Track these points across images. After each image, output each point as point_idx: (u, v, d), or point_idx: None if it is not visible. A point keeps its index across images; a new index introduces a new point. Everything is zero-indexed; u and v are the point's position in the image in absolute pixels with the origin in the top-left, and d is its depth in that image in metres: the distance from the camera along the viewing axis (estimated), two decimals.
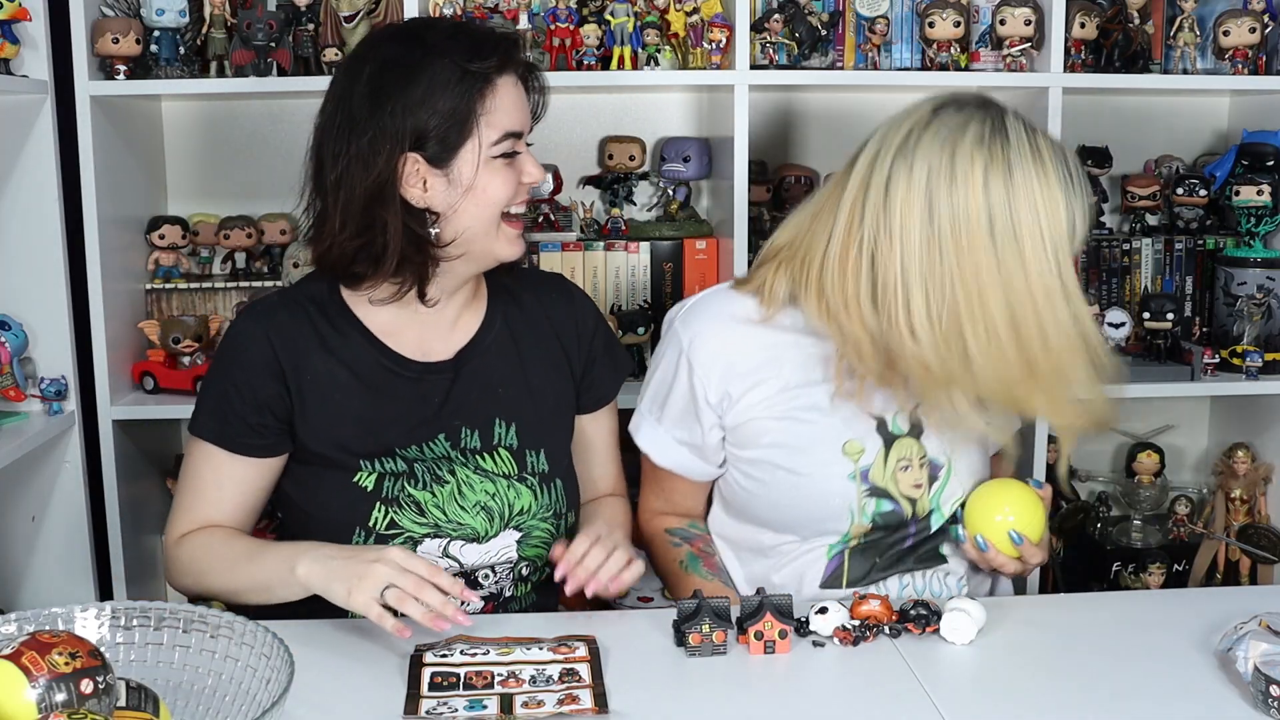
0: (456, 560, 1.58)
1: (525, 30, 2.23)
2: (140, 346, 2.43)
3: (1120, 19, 2.50)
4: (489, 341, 1.65)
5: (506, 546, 1.61)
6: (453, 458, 1.59)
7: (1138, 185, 2.66)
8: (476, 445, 1.61)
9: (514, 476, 1.61)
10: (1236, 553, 2.59)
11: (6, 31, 2.09)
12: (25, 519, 2.29)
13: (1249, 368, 2.46)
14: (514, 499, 1.60)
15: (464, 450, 1.60)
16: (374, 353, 1.59)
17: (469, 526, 1.58)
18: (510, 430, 1.62)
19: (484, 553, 1.59)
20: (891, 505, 1.62)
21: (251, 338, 1.57)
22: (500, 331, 1.66)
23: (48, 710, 1.02)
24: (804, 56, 2.43)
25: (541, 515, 1.62)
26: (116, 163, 2.34)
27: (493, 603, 1.62)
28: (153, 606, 1.23)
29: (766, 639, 1.40)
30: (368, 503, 1.55)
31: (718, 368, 1.63)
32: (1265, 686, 1.24)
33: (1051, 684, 1.35)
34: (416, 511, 1.56)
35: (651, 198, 2.65)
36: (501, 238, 1.56)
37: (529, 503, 1.61)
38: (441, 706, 1.27)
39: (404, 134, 1.48)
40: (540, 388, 1.66)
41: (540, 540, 1.63)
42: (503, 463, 1.61)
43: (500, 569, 1.62)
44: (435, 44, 1.50)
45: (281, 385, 1.55)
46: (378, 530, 1.55)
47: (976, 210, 1.45)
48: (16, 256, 2.22)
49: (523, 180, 1.56)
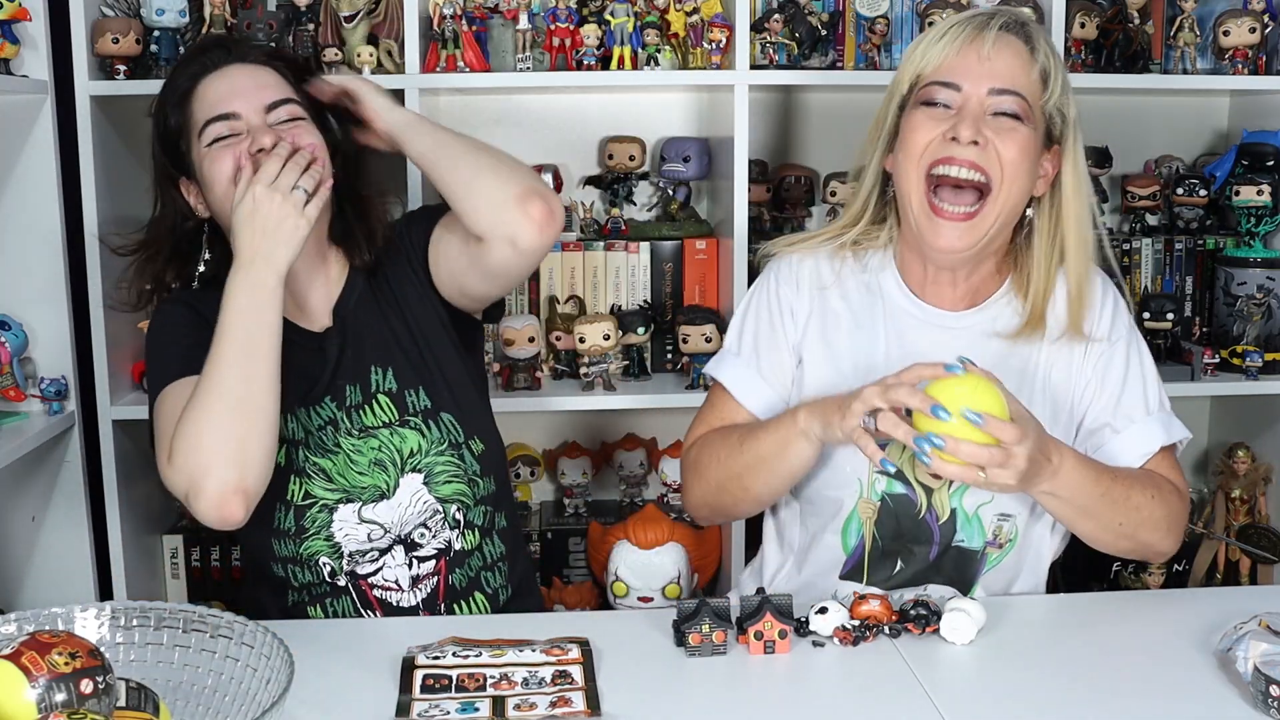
0: (375, 523, 1.59)
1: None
2: (140, 346, 2.42)
3: (1120, 19, 2.50)
4: (355, 297, 1.67)
5: (416, 493, 1.61)
6: (338, 420, 1.61)
7: (1138, 185, 2.66)
8: (358, 400, 1.63)
9: (395, 423, 1.62)
10: (1236, 553, 2.59)
11: (6, 31, 2.09)
12: (25, 519, 2.29)
13: (1249, 368, 2.46)
14: (399, 444, 1.61)
15: (348, 409, 1.62)
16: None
17: (371, 486, 1.60)
18: (387, 375, 1.64)
19: (396, 506, 1.60)
20: (904, 488, 1.58)
21: (174, 303, 1.66)
22: (362, 285, 1.68)
23: (48, 710, 1.02)
24: (804, 56, 2.43)
25: (436, 451, 1.62)
26: (116, 163, 2.33)
27: (444, 558, 1.62)
28: (153, 606, 1.23)
29: (766, 639, 1.40)
30: (282, 476, 1.56)
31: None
32: (1265, 686, 1.24)
33: (1051, 684, 1.35)
34: (324, 479, 1.59)
35: (651, 198, 2.65)
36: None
37: (417, 442, 1.62)
38: (433, 709, 1.27)
39: (166, 148, 1.64)
40: (411, 324, 1.67)
41: (448, 475, 1.62)
42: (382, 411, 1.62)
43: (434, 524, 1.62)
44: (167, 88, 1.65)
45: (208, 327, 1.52)
46: (295, 502, 1.58)
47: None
48: (16, 256, 2.22)
49: (250, 150, 1.55)
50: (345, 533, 1.58)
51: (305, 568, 1.58)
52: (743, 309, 1.72)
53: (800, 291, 1.66)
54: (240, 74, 1.61)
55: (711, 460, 1.64)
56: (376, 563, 1.60)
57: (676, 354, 2.50)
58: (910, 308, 1.63)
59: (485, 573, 1.66)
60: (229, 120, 1.57)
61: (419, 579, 1.60)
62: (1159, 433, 1.61)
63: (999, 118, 1.53)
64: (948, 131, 1.52)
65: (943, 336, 1.61)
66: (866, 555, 1.61)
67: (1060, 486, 1.47)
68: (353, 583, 1.59)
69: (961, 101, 1.53)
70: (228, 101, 1.58)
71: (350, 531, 1.58)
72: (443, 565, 1.62)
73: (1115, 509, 1.53)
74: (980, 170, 1.51)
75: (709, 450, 1.65)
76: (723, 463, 1.62)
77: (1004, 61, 1.54)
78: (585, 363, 2.41)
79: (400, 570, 1.60)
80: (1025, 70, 1.54)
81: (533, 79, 2.37)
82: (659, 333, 2.52)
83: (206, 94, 1.59)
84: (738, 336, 1.70)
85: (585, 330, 2.40)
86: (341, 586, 1.59)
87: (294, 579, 1.59)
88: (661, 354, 2.55)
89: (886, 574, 1.61)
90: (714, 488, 1.65)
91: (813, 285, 1.66)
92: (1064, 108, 1.58)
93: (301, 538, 1.58)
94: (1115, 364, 1.61)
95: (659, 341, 2.54)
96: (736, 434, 1.62)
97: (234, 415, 1.44)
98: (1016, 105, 1.53)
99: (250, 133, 1.56)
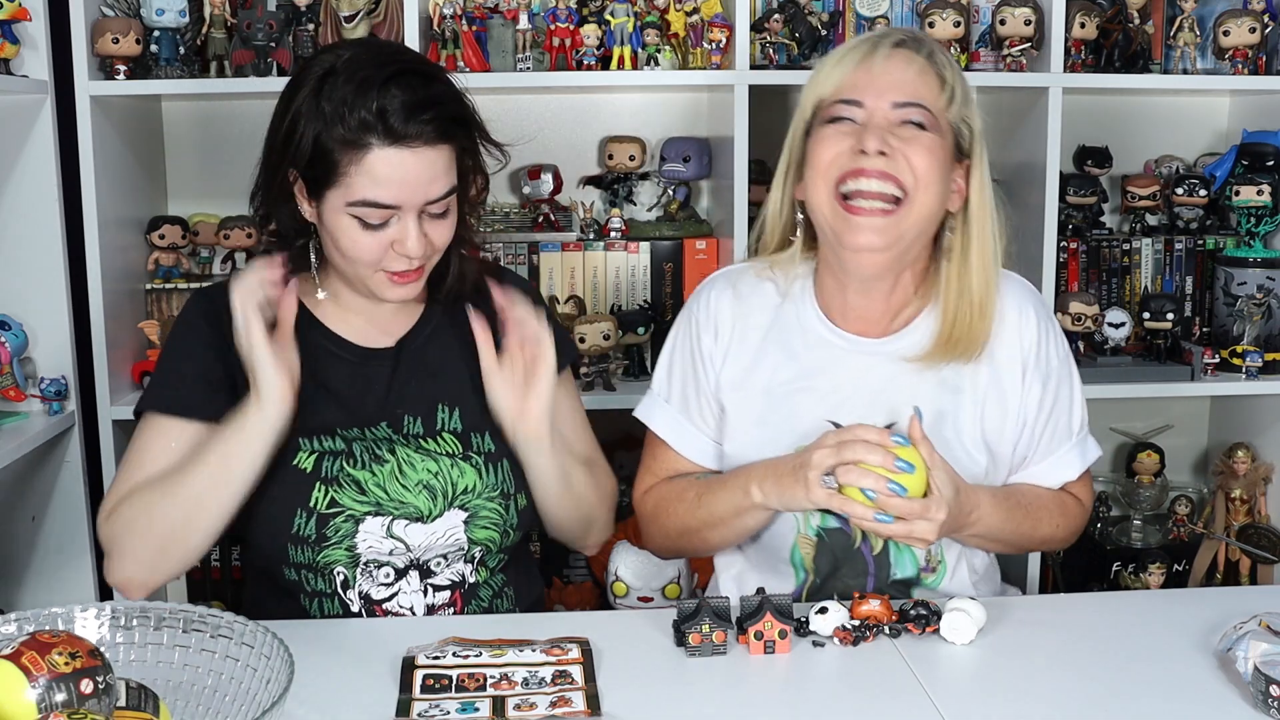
0: (401, 541, 1.56)
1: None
2: (140, 346, 2.43)
3: (1120, 19, 2.50)
4: (429, 330, 1.65)
5: (453, 528, 1.58)
6: (394, 439, 1.59)
7: (1138, 185, 2.66)
8: (419, 430, 1.61)
9: (458, 455, 1.60)
10: (1236, 553, 2.59)
11: (6, 31, 2.09)
12: (25, 519, 2.29)
13: (1249, 368, 2.46)
14: (457, 477, 1.59)
15: (406, 435, 1.60)
16: (316, 334, 1.60)
17: (411, 505, 1.56)
18: (454, 415, 1.62)
19: (429, 533, 1.57)
20: (838, 522, 1.59)
21: (200, 312, 1.60)
22: (441, 320, 1.66)
23: (48, 710, 1.02)
24: (804, 56, 2.43)
25: (488, 495, 1.60)
26: (116, 163, 2.34)
27: (459, 590, 1.61)
28: (153, 606, 1.23)
29: (766, 639, 1.40)
30: (307, 483, 1.54)
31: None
32: (1265, 686, 1.24)
33: (1051, 684, 1.35)
34: (357, 490, 1.55)
35: (652, 198, 2.65)
36: (377, 281, 1.54)
37: (474, 481, 1.59)
38: (434, 709, 1.27)
39: (295, 150, 1.49)
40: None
41: (489, 522, 1.60)
42: (446, 443, 1.60)
43: (452, 556, 1.60)
44: (339, 94, 1.46)
45: (227, 357, 1.53)
46: (318, 510, 1.54)
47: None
48: (16, 256, 2.22)
49: (394, 249, 1.50)
50: (368, 544, 1.55)
51: (320, 575, 1.57)
52: (669, 350, 1.73)
53: (719, 339, 1.66)
54: (417, 163, 1.47)
55: (668, 515, 1.67)
56: (391, 588, 1.58)
57: None
58: (831, 337, 1.63)
59: (496, 600, 1.66)
60: (384, 210, 1.48)
61: (434, 608, 1.59)
62: (1076, 461, 1.68)
63: (905, 126, 1.52)
64: (855, 145, 1.51)
65: (864, 362, 1.61)
66: (805, 591, 1.63)
67: (978, 530, 1.56)
68: (366, 608, 1.57)
69: (866, 116, 1.52)
70: (392, 192, 1.47)
71: (374, 544, 1.55)
72: (458, 596, 1.61)
73: (1023, 536, 1.63)
74: (892, 179, 1.50)
75: (664, 505, 1.68)
76: (680, 518, 1.65)
77: (903, 74, 1.53)
78: (585, 363, 2.41)
79: (415, 597, 1.59)
80: (925, 81, 1.53)
81: (533, 79, 2.37)
82: (659, 333, 2.52)
83: (376, 169, 1.46)
84: (666, 380, 1.72)
85: (585, 330, 2.40)
86: (355, 612, 1.57)
87: (306, 585, 1.57)
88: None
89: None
90: (674, 536, 1.68)
91: (733, 328, 1.66)
92: (969, 119, 1.57)
93: (322, 545, 1.55)
94: (1048, 398, 1.64)
95: (659, 341, 2.52)
96: (692, 490, 1.64)
97: (174, 528, 1.48)
98: (921, 115, 1.52)
99: (401, 215, 1.49)
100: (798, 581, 1.64)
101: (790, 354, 1.63)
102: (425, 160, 1.48)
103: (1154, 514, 2.69)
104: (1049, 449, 1.65)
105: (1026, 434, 1.63)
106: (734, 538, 1.64)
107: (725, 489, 1.59)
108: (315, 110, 1.48)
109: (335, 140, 1.46)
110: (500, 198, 2.66)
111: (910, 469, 1.42)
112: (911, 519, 1.43)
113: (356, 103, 1.45)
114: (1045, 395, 1.63)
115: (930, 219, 1.55)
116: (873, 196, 1.50)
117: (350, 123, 1.45)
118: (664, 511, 1.68)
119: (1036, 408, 1.62)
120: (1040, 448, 1.65)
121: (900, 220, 1.51)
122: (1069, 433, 1.66)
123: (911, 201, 1.51)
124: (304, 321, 1.58)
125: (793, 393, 1.61)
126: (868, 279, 1.58)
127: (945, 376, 1.60)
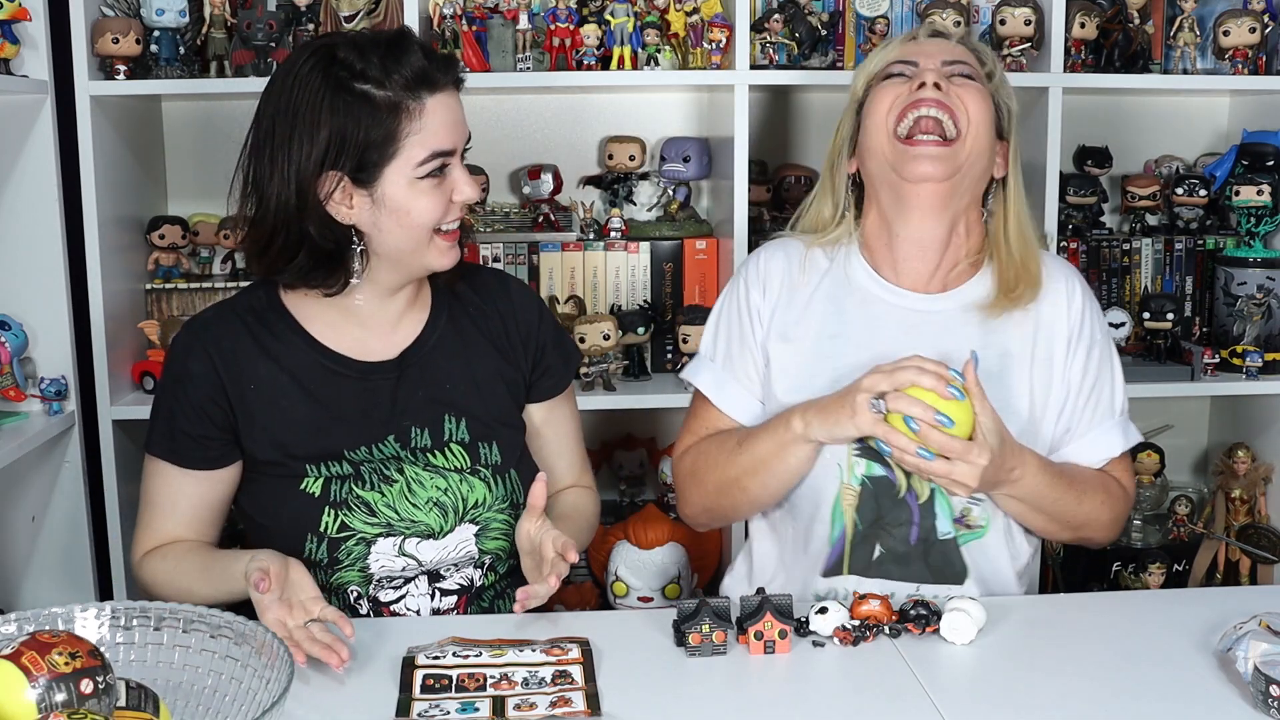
0: (414, 558, 1.57)
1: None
2: (140, 346, 2.43)
3: (1120, 19, 2.50)
4: (434, 340, 1.64)
5: (464, 541, 1.59)
6: (402, 457, 1.59)
7: (1138, 185, 2.66)
8: (427, 443, 1.60)
9: (466, 470, 1.60)
10: (1236, 553, 2.59)
11: (6, 31, 2.09)
12: (25, 519, 2.29)
13: (1249, 368, 2.46)
14: (467, 493, 1.59)
15: (414, 450, 1.60)
16: (315, 355, 1.59)
17: (422, 523, 1.57)
18: (461, 425, 1.62)
19: (441, 549, 1.58)
20: (883, 470, 1.58)
21: (190, 352, 1.58)
22: (445, 329, 1.66)
23: (48, 710, 1.02)
24: (804, 56, 2.43)
25: (497, 507, 1.61)
26: (116, 163, 2.34)
27: (465, 595, 1.62)
28: (153, 606, 1.23)
29: (766, 639, 1.40)
30: (315, 508, 1.54)
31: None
32: (1265, 686, 1.24)
33: (1051, 684, 1.35)
34: (367, 512, 1.56)
35: (652, 198, 2.65)
36: (433, 250, 1.55)
37: (483, 495, 1.60)
38: (434, 709, 1.27)
39: (327, 152, 1.47)
40: (488, 381, 1.65)
41: (499, 532, 1.61)
42: (454, 457, 1.60)
43: (463, 563, 1.61)
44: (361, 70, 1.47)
45: (222, 397, 1.56)
46: (329, 534, 1.54)
47: None
48: (16, 256, 2.22)
49: (454, 199, 1.54)
50: (381, 564, 1.56)
51: (333, 595, 1.57)
52: (716, 313, 1.75)
53: (767, 294, 1.69)
54: (455, 105, 1.54)
55: (709, 466, 1.66)
56: (399, 590, 1.59)
57: (676, 354, 2.50)
58: (881, 292, 1.65)
59: (498, 600, 1.66)
60: (447, 158, 1.52)
61: (440, 611, 1.60)
62: (1119, 439, 1.67)
63: (957, 77, 1.61)
64: (912, 87, 1.60)
65: (913, 319, 1.63)
66: (848, 542, 1.61)
67: (1019, 491, 1.55)
68: (375, 610, 1.58)
69: (918, 72, 1.61)
70: (451, 136, 1.52)
71: (386, 563, 1.56)
72: (464, 601, 1.62)
73: (1067, 511, 1.60)
74: (947, 109, 1.57)
75: (705, 457, 1.67)
76: (720, 468, 1.64)
77: (949, 45, 1.66)
78: (585, 363, 2.41)
79: (423, 600, 1.60)
80: (967, 56, 1.65)
81: (533, 79, 2.37)
82: (659, 333, 2.53)
83: (434, 119, 1.49)
84: (712, 341, 1.73)
85: (585, 330, 2.40)
86: (363, 614, 1.58)
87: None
88: (661, 354, 2.55)
89: (866, 560, 1.60)
90: (713, 492, 1.66)
91: (782, 284, 1.68)
92: (1008, 99, 1.66)
93: (334, 568, 1.55)
94: (1091, 367, 1.65)
95: (659, 341, 2.54)
96: (733, 439, 1.64)
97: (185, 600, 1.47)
98: (971, 70, 1.62)
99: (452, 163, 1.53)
100: (835, 533, 1.61)
101: (839, 308, 1.66)
102: (457, 101, 1.55)
103: (1154, 514, 2.69)
104: (1091, 423, 1.65)
105: (1070, 402, 1.64)
106: (775, 485, 1.61)
107: (766, 429, 1.60)
108: (342, 105, 1.47)
109: (385, 111, 1.47)
110: (500, 198, 2.66)
111: (961, 397, 1.44)
112: (953, 458, 1.44)
113: (392, 68, 1.48)
114: (1089, 365, 1.65)
115: (982, 160, 1.61)
116: (930, 129, 1.57)
117: (396, 86, 1.48)
118: (704, 464, 1.67)
119: (1081, 375, 1.64)
120: (1083, 420, 1.65)
121: (956, 153, 1.57)
122: (1111, 410, 1.67)
123: (964, 139, 1.57)
124: (302, 343, 1.59)
125: (840, 346, 1.63)
126: (927, 216, 1.61)
127: (994, 339, 1.62)
